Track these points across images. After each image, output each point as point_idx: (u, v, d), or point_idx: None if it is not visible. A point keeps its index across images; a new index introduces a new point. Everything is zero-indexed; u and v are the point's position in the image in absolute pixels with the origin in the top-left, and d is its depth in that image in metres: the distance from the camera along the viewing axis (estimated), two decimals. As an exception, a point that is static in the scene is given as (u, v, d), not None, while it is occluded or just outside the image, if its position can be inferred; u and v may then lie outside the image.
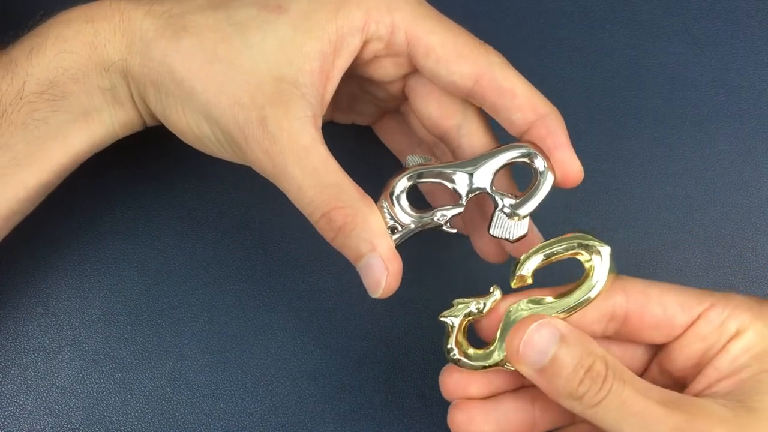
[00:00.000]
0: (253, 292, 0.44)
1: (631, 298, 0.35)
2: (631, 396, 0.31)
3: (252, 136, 0.34)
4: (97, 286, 0.44)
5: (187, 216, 0.45)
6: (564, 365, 0.32)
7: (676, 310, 0.35)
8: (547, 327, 0.33)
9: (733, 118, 0.48)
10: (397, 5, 0.36)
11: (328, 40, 0.35)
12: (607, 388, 0.31)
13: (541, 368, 0.32)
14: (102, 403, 0.42)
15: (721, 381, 0.34)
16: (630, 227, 0.46)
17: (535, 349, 0.32)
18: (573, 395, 0.32)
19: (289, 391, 0.43)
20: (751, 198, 0.47)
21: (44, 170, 0.36)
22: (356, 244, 0.34)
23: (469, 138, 0.38)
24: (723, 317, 0.34)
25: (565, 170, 0.36)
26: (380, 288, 0.34)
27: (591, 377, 0.32)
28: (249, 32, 0.35)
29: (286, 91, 0.35)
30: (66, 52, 0.36)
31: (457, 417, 0.36)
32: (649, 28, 0.50)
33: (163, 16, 0.36)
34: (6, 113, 0.35)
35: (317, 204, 0.34)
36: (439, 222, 0.36)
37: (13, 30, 0.37)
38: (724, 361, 0.34)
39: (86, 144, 0.37)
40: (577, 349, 0.32)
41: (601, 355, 0.32)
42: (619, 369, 0.32)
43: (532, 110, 0.36)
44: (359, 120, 0.45)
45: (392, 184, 0.36)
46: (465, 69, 0.36)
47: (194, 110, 0.36)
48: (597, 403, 0.32)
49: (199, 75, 0.35)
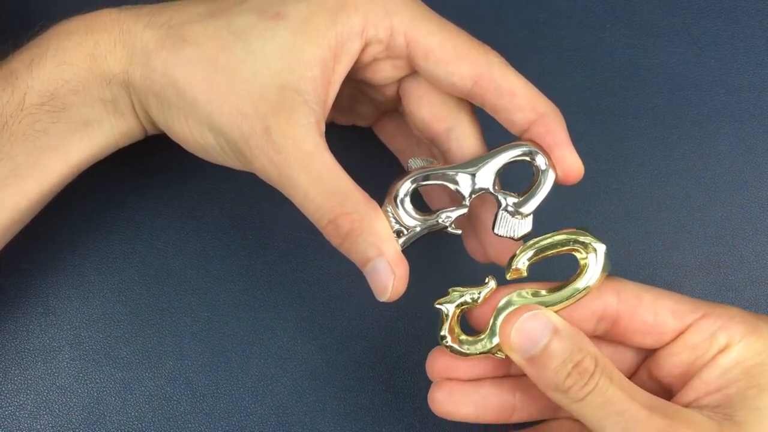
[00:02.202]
0: (254, 291, 0.44)
1: (623, 301, 0.35)
2: (615, 395, 0.32)
3: (256, 145, 0.34)
4: (97, 285, 0.44)
5: (187, 215, 0.45)
6: (554, 357, 0.33)
7: (667, 317, 0.35)
8: (540, 318, 0.33)
9: (733, 118, 0.48)
10: (396, 8, 0.36)
11: (329, 46, 0.35)
12: (592, 385, 0.32)
13: (531, 357, 0.33)
14: (102, 403, 0.42)
15: (710, 394, 0.34)
16: (630, 227, 0.46)
17: (526, 337, 0.33)
18: (559, 387, 0.32)
19: (290, 391, 0.43)
20: (751, 198, 0.47)
21: (45, 180, 0.37)
22: (363, 249, 0.34)
23: (458, 142, 0.38)
24: (714, 328, 0.34)
25: (566, 167, 0.36)
26: (387, 292, 0.34)
27: (578, 372, 0.32)
28: (249, 40, 0.35)
29: (288, 98, 0.35)
30: (66, 63, 0.36)
31: (437, 395, 0.36)
32: (650, 28, 0.50)
33: (162, 27, 0.36)
34: (7, 125, 0.35)
35: (324, 210, 0.34)
36: (444, 224, 0.36)
37: (13, 39, 0.37)
38: (712, 374, 0.34)
39: (86, 154, 0.37)
40: (568, 343, 0.33)
41: (592, 352, 0.33)
42: (609, 368, 0.33)
43: (532, 109, 0.36)
44: (359, 121, 0.45)
45: (396, 188, 0.36)
46: (464, 70, 0.36)
47: (197, 120, 0.36)
48: (582, 398, 0.32)
49: (202, 85, 0.35)
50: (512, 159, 0.36)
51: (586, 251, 0.35)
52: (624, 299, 0.35)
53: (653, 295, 0.35)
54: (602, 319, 0.36)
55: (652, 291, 0.35)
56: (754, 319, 0.34)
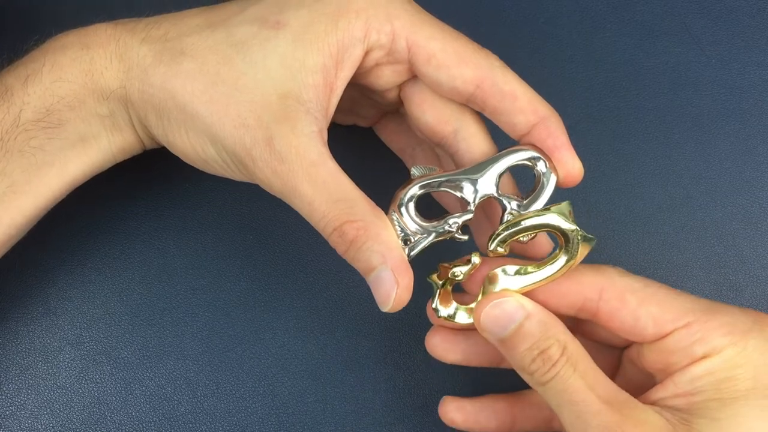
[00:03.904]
0: (254, 291, 0.44)
1: (604, 301, 0.35)
2: (574, 385, 0.33)
3: (260, 156, 0.34)
4: (98, 285, 0.44)
5: (188, 215, 0.45)
6: (521, 341, 0.34)
7: (648, 324, 0.35)
8: (509, 304, 0.35)
9: (734, 118, 0.48)
10: (397, 13, 0.36)
11: (330, 53, 0.35)
12: (554, 372, 0.34)
13: (500, 339, 0.35)
14: (103, 403, 0.42)
15: (677, 397, 0.34)
16: (631, 227, 0.46)
17: (495, 322, 0.35)
18: (525, 369, 0.34)
19: (290, 391, 0.43)
20: (752, 198, 0.47)
21: (41, 196, 0.36)
22: (367, 257, 0.34)
23: (467, 142, 0.38)
24: (693, 339, 0.34)
25: (567, 170, 0.36)
26: (390, 301, 0.34)
27: (543, 358, 0.34)
28: (250, 51, 0.35)
29: (291, 107, 0.34)
30: (62, 80, 0.35)
31: (433, 340, 0.39)
32: (650, 28, 0.50)
33: (160, 40, 0.36)
34: (2, 141, 0.35)
35: (329, 219, 0.34)
36: (451, 229, 0.36)
37: (7, 53, 0.37)
38: (683, 378, 0.34)
39: (83, 170, 0.37)
40: (537, 329, 0.34)
41: (561, 339, 0.34)
42: (575, 357, 0.34)
43: (533, 113, 0.36)
44: (360, 122, 0.45)
45: (400, 195, 0.36)
46: (467, 73, 0.36)
47: (198, 133, 0.35)
48: (544, 382, 0.34)
49: (202, 98, 0.35)
50: (514, 163, 0.36)
51: (560, 234, 0.35)
52: (606, 300, 0.35)
53: (639, 299, 0.35)
54: (582, 311, 0.36)
55: (640, 293, 0.35)
56: (745, 329, 0.34)
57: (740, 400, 0.33)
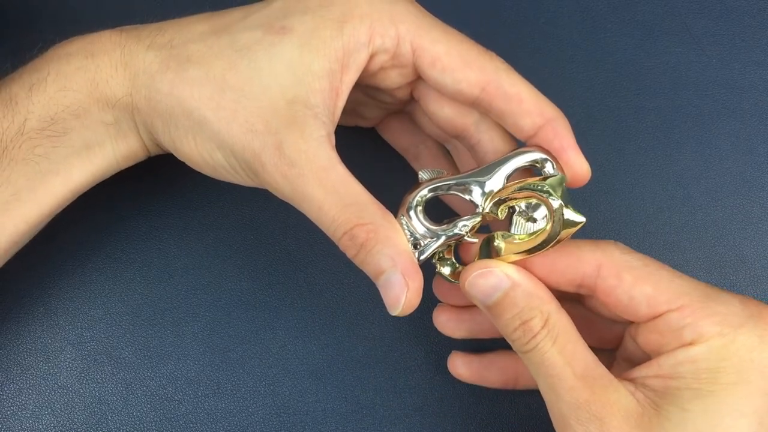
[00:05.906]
0: (255, 291, 0.44)
1: (601, 278, 0.35)
2: (551, 358, 0.34)
3: (269, 161, 0.34)
4: (98, 285, 0.44)
5: (188, 215, 0.45)
6: (505, 310, 0.35)
7: (642, 304, 0.35)
8: (492, 275, 0.35)
9: (734, 118, 0.48)
10: (401, 16, 0.36)
11: (336, 58, 0.35)
12: (534, 344, 0.34)
13: (486, 306, 0.36)
14: (104, 403, 0.42)
15: (657, 378, 0.34)
16: (631, 227, 0.46)
17: (479, 291, 0.35)
18: (508, 337, 0.35)
19: (291, 391, 0.43)
20: (752, 197, 0.47)
21: (45, 203, 0.36)
22: (377, 261, 0.34)
23: (489, 133, 0.38)
24: (683, 323, 0.34)
25: (575, 171, 0.37)
26: (399, 305, 0.34)
27: (524, 329, 0.35)
28: (256, 57, 0.35)
29: (299, 112, 0.34)
30: (67, 89, 0.35)
31: (440, 318, 0.41)
32: (651, 28, 0.50)
33: (165, 47, 0.36)
34: (7, 150, 0.35)
35: (339, 223, 0.34)
36: (461, 232, 0.36)
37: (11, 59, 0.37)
38: (668, 361, 0.34)
39: (88, 177, 0.37)
40: (522, 300, 0.35)
41: (544, 311, 0.35)
42: (557, 330, 0.34)
43: (539, 114, 0.36)
44: (362, 123, 0.45)
45: (408, 199, 0.36)
46: (472, 76, 0.36)
47: (206, 139, 0.35)
48: (524, 352, 0.35)
49: (210, 104, 0.35)
50: (522, 165, 0.36)
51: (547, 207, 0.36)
52: (604, 277, 0.35)
53: (635, 277, 0.35)
54: (582, 287, 0.36)
55: (637, 271, 0.35)
56: (738, 322, 0.34)
57: (717, 395, 0.32)
